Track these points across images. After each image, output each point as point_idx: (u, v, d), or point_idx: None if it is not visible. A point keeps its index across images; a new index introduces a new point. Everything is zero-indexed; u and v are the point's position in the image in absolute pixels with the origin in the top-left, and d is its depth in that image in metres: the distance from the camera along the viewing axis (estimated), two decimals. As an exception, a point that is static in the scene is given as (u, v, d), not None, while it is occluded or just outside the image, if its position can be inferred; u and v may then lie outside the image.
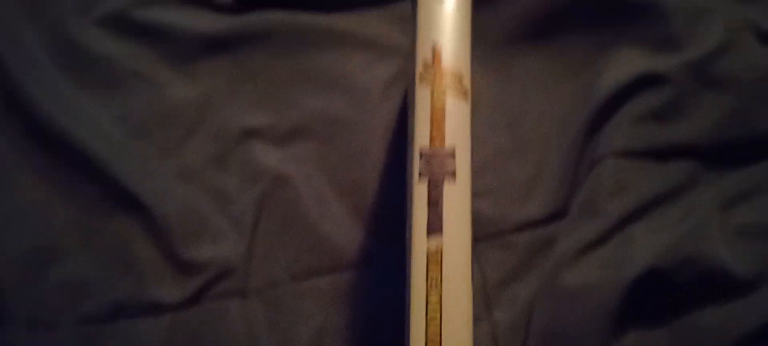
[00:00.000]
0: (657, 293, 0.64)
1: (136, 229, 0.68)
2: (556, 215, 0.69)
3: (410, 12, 0.48)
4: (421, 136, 0.37)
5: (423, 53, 0.38)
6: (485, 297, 0.67)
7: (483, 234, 0.68)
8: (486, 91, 0.73)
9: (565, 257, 0.66)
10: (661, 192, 0.68)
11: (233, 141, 0.72)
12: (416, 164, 0.37)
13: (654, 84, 0.70)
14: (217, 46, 0.74)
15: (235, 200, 0.70)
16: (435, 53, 0.38)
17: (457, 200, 0.36)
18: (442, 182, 0.36)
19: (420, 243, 0.35)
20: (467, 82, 0.38)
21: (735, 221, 0.67)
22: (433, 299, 0.35)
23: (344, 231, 0.69)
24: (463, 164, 0.37)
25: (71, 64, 0.73)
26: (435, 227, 0.36)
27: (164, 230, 0.68)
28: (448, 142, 0.37)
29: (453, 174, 0.37)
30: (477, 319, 0.67)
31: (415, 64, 0.38)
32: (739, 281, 0.65)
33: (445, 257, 0.35)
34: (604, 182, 0.68)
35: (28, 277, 0.68)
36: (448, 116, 0.37)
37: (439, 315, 0.35)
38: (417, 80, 0.37)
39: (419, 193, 0.36)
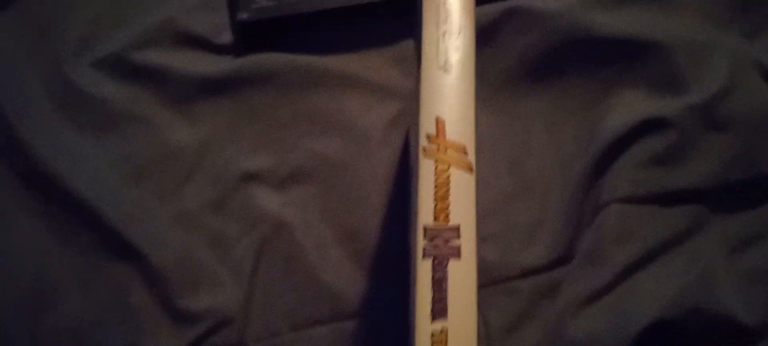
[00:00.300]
0: (664, 345, 0.63)
1: (132, 276, 0.67)
2: (560, 261, 0.68)
3: (413, 50, 0.47)
4: (425, 213, 0.36)
5: (426, 126, 0.37)
6: (489, 345, 0.66)
7: (486, 280, 0.67)
8: (488, 132, 0.72)
9: (569, 306, 0.65)
10: (667, 238, 0.67)
11: (232, 185, 0.71)
12: (420, 242, 0.35)
13: (658, 128, 0.69)
14: (216, 88, 0.73)
15: (233, 246, 0.69)
16: (438, 126, 0.37)
17: (463, 279, 0.35)
18: (447, 261, 0.35)
19: (424, 325, 0.34)
20: (473, 155, 0.37)
21: (742, 266, 0.66)
22: (439, 384, 0.34)
23: (345, 278, 0.68)
24: (468, 242, 0.35)
25: (68, 107, 0.72)
26: (439, 308, 0.34)
27: (161, 277, 0.66)
28: (453, 218, 0.36)
29: (458, 252, 0.35)
30: (481, 369, 0.66)
31: (418, 136, 0.37)
32: (748, 330, 0.64)
33: (450, 341, 0.34)
34: (608, 228, 0.67)
35: (24, 323, 0.66)
36: (452, 192, 0.36)
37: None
38: (420, 154, 0.36)
39: (423, 272, 0.35)
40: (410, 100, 0.71)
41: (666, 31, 0.72)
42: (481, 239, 0.68)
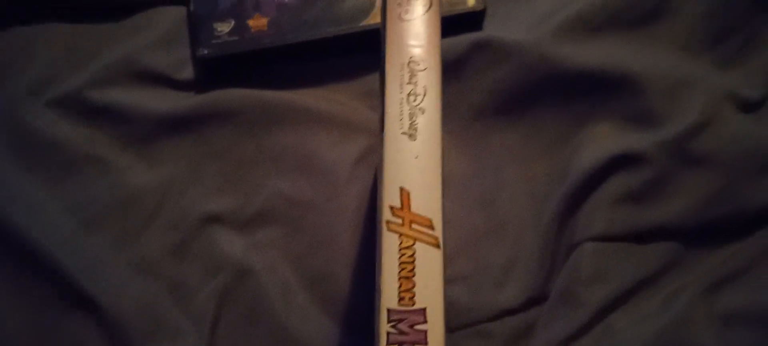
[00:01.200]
0: (641, 392, 0.61)
1: (90, 328, 0.64)
2: (534, 301, 0.66)
3: (378, 86, 0.45)
4: (389, 295, 0.33)
5: (390, 197, 0.34)
6: (462, 394, 0.64)
7: (458, 324, 0.65)
8: (458, 169, 0.70)
9: (544, 351, 0.63)
10: (642, 277, 0.65)
11: (194, 229, 0.68)
12: (383, 326, 0.33)
13: (631, 164, 0.67)
14: (176, 126, 0.71)
15: (195, 293, 0.66)
16: (403, 197, 0.35)
17: (430, 367, 0.33)
18: (413, 347, 0.33)
19: (388, 419, 0.32)
20: (439, 230, 0.34)
21: (720, 305, 0.64)
22: None
23: (312, 325, 0.65)
24: (436, 325, 0.33)
25: (22, 150, 0.69)
26: (405, 399, 0.32)
27: (119, 328, 0.64)
28: (419, 300, 0.33)
29: (424, 338, 0.33)
30: (453, 417, 0.64)
31: (381, 209, 0.35)
32: (728, 375, 0.62)
33: None
34: (582, 268, 0.65)
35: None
36: (418, 270, 0.34)
37: None
38: (383, 228, 0.34)
39: (387, 360, 0.33)
40: (378, 136, 0.69)
41: (638, 63, 0.71)
42: (452, 280, 0.66)
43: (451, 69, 0.72)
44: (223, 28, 0.72)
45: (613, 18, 0.73)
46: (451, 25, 0.73)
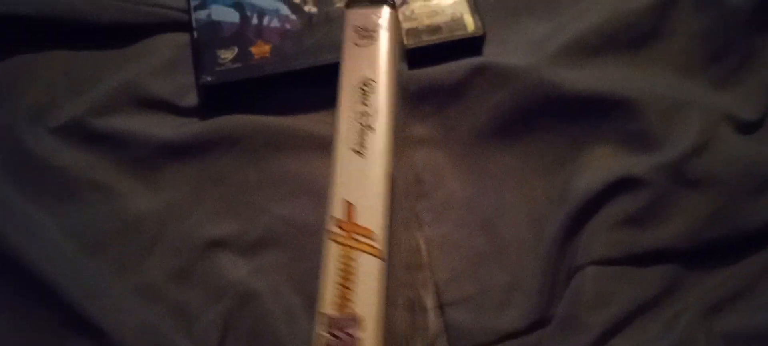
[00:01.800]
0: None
1: (91, 355, 0.65)
2: (537, 324, 0.66)
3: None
4: (327, 300, 0.33)
5: (335, 209, 0.35)
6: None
7: (461, 347, 0.65)
8: (460, 191, 0.71)
9: (547, 378, 0.62)
10: (643, 300, 0.65)
11: (197, 253, 0.68)
12: (320, 331, 0.33)
13: (630, 187, 0.67)
14: (180, 152, 0.72)
15: (198, 318, 0.66)
16: (348, 210, 0.35)
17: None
18: (350, 356, 0.33)
19: None
20: (382, 240, 0.34)
21: (721, 327, 0.63)
22: None
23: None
24: (372, 334, 0.33)
25: (23, 175, 0.70)
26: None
27: None
28: (359, 309, 0.33)
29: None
30: None
31: (327, 220, 0.35)
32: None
33: None
34: (584, 292, 0.64)
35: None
36: (358, 279, 0.34)
37: None
38: (327, 238, 0.34)
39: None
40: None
41: (635, 86, 0.71)
42: (454, 303, 0.66)
43: (452, 93, 0.73)
44: (227, 55, 0.74)
45: (609, 41, 0.73)
46: (451, 50, 0.74)
